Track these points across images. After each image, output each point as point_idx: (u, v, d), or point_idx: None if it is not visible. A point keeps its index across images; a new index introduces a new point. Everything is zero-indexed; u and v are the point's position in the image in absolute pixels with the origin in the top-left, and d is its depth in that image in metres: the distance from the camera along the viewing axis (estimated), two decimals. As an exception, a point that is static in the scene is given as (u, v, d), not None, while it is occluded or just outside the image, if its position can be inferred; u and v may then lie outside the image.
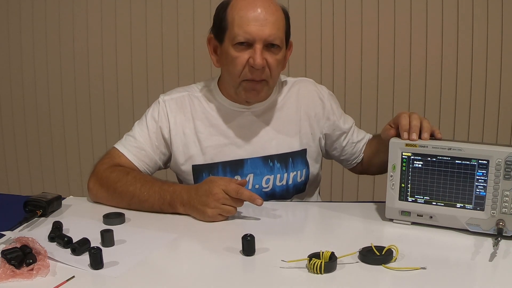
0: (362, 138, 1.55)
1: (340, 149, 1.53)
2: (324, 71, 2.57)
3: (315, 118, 1.47)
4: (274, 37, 1.30)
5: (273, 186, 1.44)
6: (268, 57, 1.31)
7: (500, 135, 2.52)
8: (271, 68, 1.32)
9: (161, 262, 1.04)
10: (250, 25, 1.28)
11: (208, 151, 1.42)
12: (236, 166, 1.42)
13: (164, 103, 1.44)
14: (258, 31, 1.28)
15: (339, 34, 2.53)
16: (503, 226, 1.07)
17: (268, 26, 1.29)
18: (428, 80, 2.52)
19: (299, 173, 1.45)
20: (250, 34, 1.28)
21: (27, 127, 2.89)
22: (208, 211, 1.21)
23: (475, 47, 2.46)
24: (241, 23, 1.29)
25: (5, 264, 0.95)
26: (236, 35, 1.30)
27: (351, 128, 1.53)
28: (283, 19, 1.34)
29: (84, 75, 2.77)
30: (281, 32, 1.32)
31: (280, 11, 1.34)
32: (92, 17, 2.70)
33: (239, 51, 1.31)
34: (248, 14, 1.29)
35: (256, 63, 1.29)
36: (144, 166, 1.42)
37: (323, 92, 1.51)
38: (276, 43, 1.31)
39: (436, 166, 1.14)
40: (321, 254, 0.97)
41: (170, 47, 2.64)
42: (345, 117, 1.53)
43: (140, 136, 1.43)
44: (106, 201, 1.35)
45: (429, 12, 2.46)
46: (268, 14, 1.29)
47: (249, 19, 1.29)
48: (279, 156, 1.43)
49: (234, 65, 1.33)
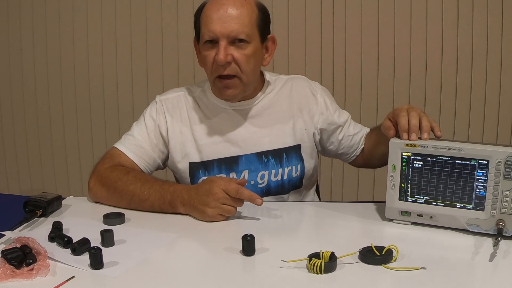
0: (359, 131, 1.54)
1: (337, 143, 1.53)
2: (324, 71, 2.57)
3: (308, 114, 1.47)
4: (237, 32, 1.31)
5: (268, 181, 1.45)
6: (234, 53, 1.32)
7: (500, 135, 2.52)
8: (239, 63, 1.33)
9: (161, 262, 1.04)
10: (213, 23, 1.31)
11: (204, 149, 1.44)
12: (231, 163, 1.43)
13: (161, 103, 1.48)
14: (221, 28, 1.31)
15: (339, 34, 2.53)
16: (503, 226, 1.07)
17: (231, 22, 1.31)
18: (428, 80, 2.52)
19: (293, 168, 1.46)
20: (213, 31, 1.31)
21: (27, 127, 2.89)
22: (208, 211, 1.21)
23: (475, 47, 2.46)
24: (207, 22, 1.33)
25: (5, 264, 0.95)
26: (203, 34, 1.34)
27: (347, 122, 1.52)
28: (253, 14, 1.34)
29: (84, 75, 2.77)
30: (247, 27, 1.32)
31: (249, 6, 1.34)
32: (92, 17, 2.70)
33: (208, 50, 1.35)
34: (212, 13, 1.32)
35: (218, 58, 1.31)
36: (143, 163, 1.43)
37: (316, 87, 1.51)
38: (242, 38, 1.32)
39: (436, 166, 1.14)
40: (321, 254, 0.97)
41: (170, 47, 2.64)
42: (340, 111, 1.53)
43: (139, 134, 1.45)
44: (106, 200, 1.35)
45: (429, 12, 2.46)
46: (232, 9, 1.32)
47: (213, 18, 1.32)
48: (273, 152, 1.44)
49: (205, 64, 1.37)
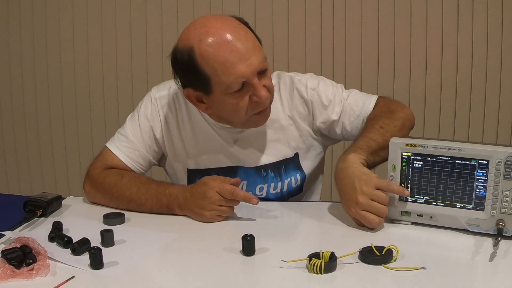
0: (359, 114, 1.38)
1: (340, 135, 1.43)
2: (324, 71, 2.56)
3: (299, 118, 1.40)
4: (261, 62, 1.20)
5: (267, 194, 1.42)
6: (265, 83, 1.23)
7: (500, 135, 2.52)
8: (270, 90, 1.26)
9: (161, 262, 1.04)
10: (237, 67, 1.17)
11: (200, 156, 1.39)
12: (229, 174, 1.38)
13: (156, 101, 1.40)
14: (249, 68, 1.18)
15: (339, 34, 2.53)
16: (503, 226, 1.07)
17: (253, 56, 1.18)
18: (428, 80, 2.52)
19: (293, 179, 1.43)
20: (242, 76, 1.18)
21: (27, 127, 2.88)
22: (206, 214, 1.21)
23: (475, 47, 2.46)
24: (226, 69, 1.17)
25: (5, 264, 0.95)
26: (230, 83, 1.19)
27: (341, 114, 1.39)
28: (252, 35, 1.23)
29: (84, 75, 2.76)
30: (261, 50, 1.22)
31: (245, 29, 1.22)
32: (92, 18, 2.70)
33: (238, 97, 1.22)
34: (228, 57, 1.17)
35: (262, 98, 1.21)
36: (137, 166, 1.40)
37: (301, 88, 1.38)
38: (265, 66, 1.23)
39: (436, 166, 1.13)
40: (321, 254, 0.97)
41: (170, 47, 2.64)
42: (333, 103, 1.39)
43: (133, 135, 1.39)
44: (104, 204, 1.35)
45: (429, 12, 2.46)
46: (243, 43, 1.18)
47: (232, 62, 1.17)
48: (272, 165, 1.40)
49: (237, 110, 1.24)
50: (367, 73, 2.55)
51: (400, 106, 1.38)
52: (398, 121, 1.31)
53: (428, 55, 2.49)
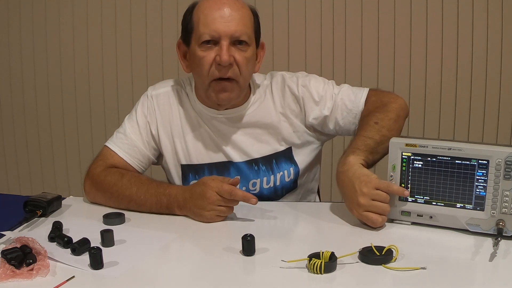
0: (352, 108, 1.38)
1: (334, 130, 1.44)
2: (324, 71, 2.57)
3: (292, 115, 1.41)
4: (240, 33, 1.27)
5: (261, 189, 1.43)
6: (235, 54, 1.28)
7: (500, 135, 2.52)
8: (239, 65, 1.29)
9: (161, 262, 1.04)
10: (215, 22, 1.26)
11: (193, 152, 1.41)
12: (222, 168, 1.41)
13: (151, 98, 1.43)
14: (224, 27, 1.26)
15: (339, 34, 2.54)
16: (503, 226, 1.07)
17: (234, 22, 1.27)
18: (428, 80, 2.52)
19: (286, 173, 1.43)
20: (215, 31, 1.26)
21: (27, 127, 2.89)
22: (205, 214, 1.21)
23: (475, 47, 2.46)
24: (206, 21, 1.27)
25: (5, 264, 0.95)
26: (202, 33, 1.27)
27: (332, 109, 1.39)
28: (250, 17, 1.32)
29: (84, 75, 2.77)
30: (248, 28, 1.30)
31: (247, 9, 1.32)
32: (92, 18, 2.70)
33: (206, 50, 1.28)
34: (213, 12, 1.27)
35: (222, 59, 1.25)
36: (137, 163, 1.41)
37: (293, 85, 1.40)
38: (243, 39, 1.28)
39: (436, 166, 1.13)
40: (321, 254, 0.97)
41: (170, 47, 2.64)
42: (324, 99, 1.40)
43: (131, 132, 1.41)
44: (104, 203, 1.35)
45: (429, 12, 2.46)
46: (233, 10, 1.27)
47: (214, 17, 1.26)
48: (262, 159, 1.42)
49: (201, 65, 1.29)
50: (367, 73, 2.55)
51: (393, 97, 1.38)
52: (392, 113, 1.32)
53: (428, 55, 2.49)
